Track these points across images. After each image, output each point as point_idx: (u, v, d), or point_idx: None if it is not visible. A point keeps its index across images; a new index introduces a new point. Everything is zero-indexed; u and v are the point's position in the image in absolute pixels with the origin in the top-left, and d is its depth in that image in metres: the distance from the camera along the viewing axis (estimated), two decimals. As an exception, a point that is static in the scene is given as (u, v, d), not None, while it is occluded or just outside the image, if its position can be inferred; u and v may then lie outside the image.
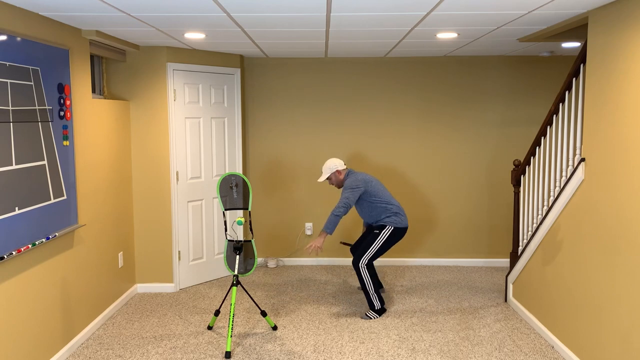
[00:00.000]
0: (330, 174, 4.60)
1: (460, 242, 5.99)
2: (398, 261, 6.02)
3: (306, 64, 5.81)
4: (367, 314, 4.43)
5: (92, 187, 4.14)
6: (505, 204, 5.90)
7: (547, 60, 5.74)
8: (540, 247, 4.11)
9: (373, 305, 4.46)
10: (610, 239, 3.12)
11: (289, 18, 3.51)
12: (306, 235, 6.01)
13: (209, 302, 4.82)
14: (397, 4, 3.09)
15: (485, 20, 3.61)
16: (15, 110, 3.07)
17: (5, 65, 2.98)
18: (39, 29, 3.36)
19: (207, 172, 5.35)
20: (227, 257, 4.10)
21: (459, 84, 5.80)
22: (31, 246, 3.20)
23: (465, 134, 5.84)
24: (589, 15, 3.35)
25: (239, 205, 4.09)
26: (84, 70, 4.00)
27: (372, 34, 4.15)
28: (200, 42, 4.57)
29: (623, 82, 2.98)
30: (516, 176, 4.72)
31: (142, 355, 3.74)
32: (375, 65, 5.79)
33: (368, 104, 5.83)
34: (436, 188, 5.92)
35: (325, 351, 3.80)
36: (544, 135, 4.31)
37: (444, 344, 3.90)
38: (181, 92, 5.04)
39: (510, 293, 4.70)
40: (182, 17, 3.45)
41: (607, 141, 3.16)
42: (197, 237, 5.30)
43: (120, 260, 4.73)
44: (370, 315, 4.42)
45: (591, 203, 3.35)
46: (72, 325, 3.83)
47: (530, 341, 3.94)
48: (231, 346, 3.87)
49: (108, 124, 4.46)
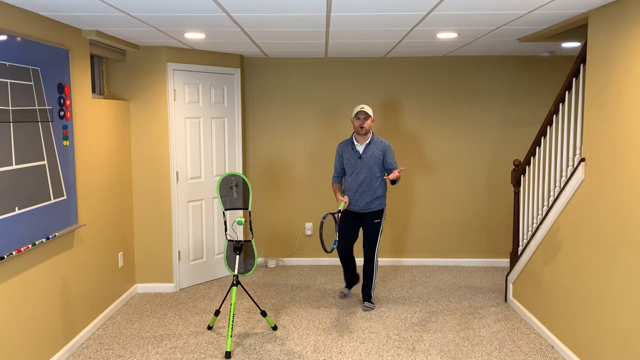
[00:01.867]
0: (371, 115, 4.38)
1: (460, 242, 5.99)
2: (398, 261, 6.02)
3: (306, 64, 5.81)
4: (367, 305, 4.56)
5: (92, 187, 4.14)
6: (505, 204, 5.90)
7: (547, 60, 5.74)
8: (540, 247, 4.11)
9: (371, 296, 4.58)
10: (610, 239, 3.12)
11: (289, 18, 3.51)
12: (306, 235, 6.01)
13: (209, 302, 4.82)
14: (397, 4, 3.09)
15: (485, 20, 3.61)
16: (15, 110, 3.07)
17: (5, 65, 2.98)
18: (39, 29, 3.36)
19: (207, 172, 5.35)
20: (227, 257, 4.10)
21: (459, 84, 5.80)
22: (31, 246, 3.20)
23: (465, 134, 5.84)
24: (589, 15, 3.35)
25: (239, 205, 4.09)
26: (84, 70, 4.00)
27: (372, 34, 4.15)
28: (200, 42, 4.57)
29: (623, 82, 2.98)
30: (516, 176, 4.72)
31: (142, 355, 3.74)
32: (375, 65, 5.79)
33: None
34: (436, 188, 5.92)
35: (325, 351, 3.80)
36: (544, 135, 4.31)
37: (444, 344, 3.90)
38: (181, 92, 5.04)
39: (510, 293, 4.70)
40: (182, 17, 3.45)
41: (607, 141, 3.16)
42: (197, 237, 5.30)
43: (120, 260, 4.73)
44: (371, 306, 4.55)
45: (591, 203, 3.35)
46: (72, 325, 3.83)
47: (530, 341, 3.94)
48: (231, 346, 3.87)
49: (108, 124, 4.46)
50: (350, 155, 4.47)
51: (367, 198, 4.44)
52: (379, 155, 4.40)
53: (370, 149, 4.41)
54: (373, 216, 4.47)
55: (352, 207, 4.50)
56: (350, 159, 4.47)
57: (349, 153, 4.48)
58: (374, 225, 4.47)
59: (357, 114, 4.35)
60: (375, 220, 4.46)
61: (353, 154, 4.46)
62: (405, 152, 5.87)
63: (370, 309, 4.52)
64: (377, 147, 4.41)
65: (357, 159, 4.42)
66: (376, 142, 4.42)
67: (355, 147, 4.46)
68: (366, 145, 4.42)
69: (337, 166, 4.60)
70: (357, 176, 4.43)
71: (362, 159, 4.40)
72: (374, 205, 4.47)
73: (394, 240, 5.99)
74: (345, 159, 4.51)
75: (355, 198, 4.46)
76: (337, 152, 4.59)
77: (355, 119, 4.37)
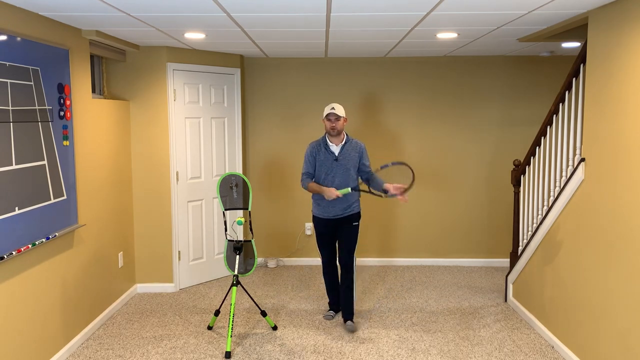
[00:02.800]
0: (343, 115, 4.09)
1: (460, 242, 5.99)
2: (398, 261, 6.02)
3: (306, 64, 5.81)
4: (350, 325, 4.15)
5: (92, 187, 4.14)
6: (505, 204, 5.90)
7: (547, 60, 5.74)
8: (540, 247, 4.11)
9: (354, 313, 4.23)
10: (610, 239, 3.12)
11: (289, 18, 3.51)
12: (306, 235, 6.01)
13: (209, 302, 4.82)
14: (397, 4, 3.09)
15: (485, 20, 3.61)
16: (15, 110, 3.07)
17: (5, 65, 2.98)
18: (39, 29, 3.36)
19: (207, 172, 5.35)
20: (227, 257, 4.10)
21: (459, 84, 5.80)
22: (31, 246, 3.20)
23: (465, 134, 5.84)
24: (589, 15, 3.35)
25: (239, 205, 4.09)
26: (84, 70, 4.00)
27: (372, 34, 4.15)
28: (200, 42, 4.56)
29: (623, 82, 2.98)
30: (516, 176, 4.72)
31: (142, 355, 3.74)
32: (375, 65, 5.79)
33: (368, 104, 5.83)
34: (436, 188, 5.92)
35: (325, 351, 3.80)
36: (544, 135, 4.31)
37: (444, 344, 3.90)
38: (181, 92, 5.04)
39: (510, 293, 4.70)
40: (182, 17, 3.45)
41: (607, 141, 3.16)
42: (197, 237, 5.30)
43: (120, 260, 4.73)
44: (354, 326, 4.16)
45: (591, 203, 3.35)
46: (72, 325, 3.83)
47: (530, 341, 3.94)
48: (231, 346, 3.87)
49: (108, 124, 4.45)
50: (324, 157, 4.13)
51: (343, 202, 4.13)
52: (355, 157, 4.13)
53: (346, 150, 4.13)
54: (350, 219, 4.17)
55: (327, 214, 4.18)
56: (325, 161, 4.13)
57: (323, 155, 4.13)
58: (352, 229, 4.16)
59: (327, 116, 4.04)
60: (354, 223, 4.17)
61: (328, 155, 4.12)
62: (405, 152, 5.87)
63: (355, 329, 4.14)
64: (353, 148, 4.14)
65: (332, 161, 4.11)
66: (352, 144, 4.15)
67: (329, 148, 4.13)
68: (342, 147, 4.12)
69: (308, 168, 4.19)
70: (332, 179, 4.11)
71: (339, 161, 4.11)
72: (350, 209, 4.16)
73: (394, 240, 5.99)
74: (318, 161, 4.15)
75: (332, 203, 4.12)
76: (309, 154, 4.19)
77: (327, 120, 4.07)
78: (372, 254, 6.02)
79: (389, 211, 5.94)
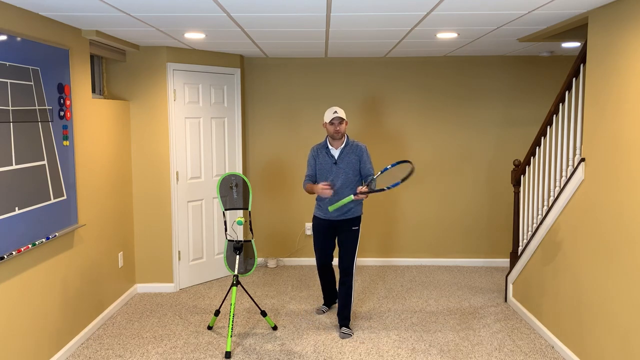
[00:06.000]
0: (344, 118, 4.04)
1: (460, 242, 5.99)
2: (398, 261, 6.02)
3: (306, 64, 5.81)
4: (346, 332, 4.06)
5: (92, 187, 4.14)
6: (505, 204, 5.90)
7: (547, 60, 5.74)
8: (540, 247, 4.11)
9: (349, 319, 4.14)
10: (610, 239, 3.12)
11: (289, 18, 3.51)
12: (306, 235, 6.01)
13: (209, 302, 4.82)
14: (397, 4, 3.09)
15: (485, 20, 3.61)
16: (15, 110, 3.07)
17: (5, 65, 2.98)
18: (39, 29, 3.36)
19: (207, 172, 5.35)
20: (227, 257, 4.10)
21: (459, 84, 5.80)
22: (31, 246, 3.20)
23: (465, 134, 5.84)
24: (589, 15, 3.35)
25: (239, 205, 4.09)
26: (84, 70, 4.00)
27: (372, 34, 4.15)
28: (200, 42, 4.57)
29: (623, 82, 2.98)
30: (516, 176, 4.72)
31: (142, 355, 3.74)
32: (375, 65, 5.79)
33: (368, 104, 5.83)
34: (436, 188, 5.92)
35: (325, 351, 3.80)
36: (544, 135, 4.31)
37: (444, 344, 3.90)
38: (181, 92, 5.04)
39: (510, 293, 4.70)
40: (182, 17, 3.45)
41: (607, 141, 3.16)
42: (197, 237, 5.30)
43: (120, 260, 4.73)
44: (350, 332, 4.07)
45: (591, 203, 3.35)
46: (72, 325, 3.83)
47: (530, 341, 3.94)
48: (231, 346, 3.87)
49: (108, 124, 4.46)
50: (324, 160, 4.11)
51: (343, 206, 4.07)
52: (354, 161, 4.05)
53: (345, 153, 4.06)
54: (350, 223, 4.09)
55: (326, 216, 4.14)
56: (325, 164, 4.10)
57: (323, 158, 4.11)
58: (351, 232, 4.08)
59: (331, 120, 3.98)
60: (353, 227, 4.09)
61: (328, 159, 4.10)
62: (405, 152, 5.87)
63: (349, 335, 4.04)
64: (352, 151, 4.06)
65: (332, 165, 4.07)
66: (352, 146, 4.08)
67: (330, 152, 4.10)
68: (341, 150, 4.07)
69: (310, 171, 4.20)
70: (332, 182, 4.05)
71: (338, 165, 4.06)
72: (350, 212, 4.09)
73: (393, 239, 5.99)
74: (318, 164, 4.14)
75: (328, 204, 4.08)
76: (310, 157, 4.20)
77: (330, 125, 4.00)
78: (372, 254, 6.02)
79: (389, 211, 5.94)
